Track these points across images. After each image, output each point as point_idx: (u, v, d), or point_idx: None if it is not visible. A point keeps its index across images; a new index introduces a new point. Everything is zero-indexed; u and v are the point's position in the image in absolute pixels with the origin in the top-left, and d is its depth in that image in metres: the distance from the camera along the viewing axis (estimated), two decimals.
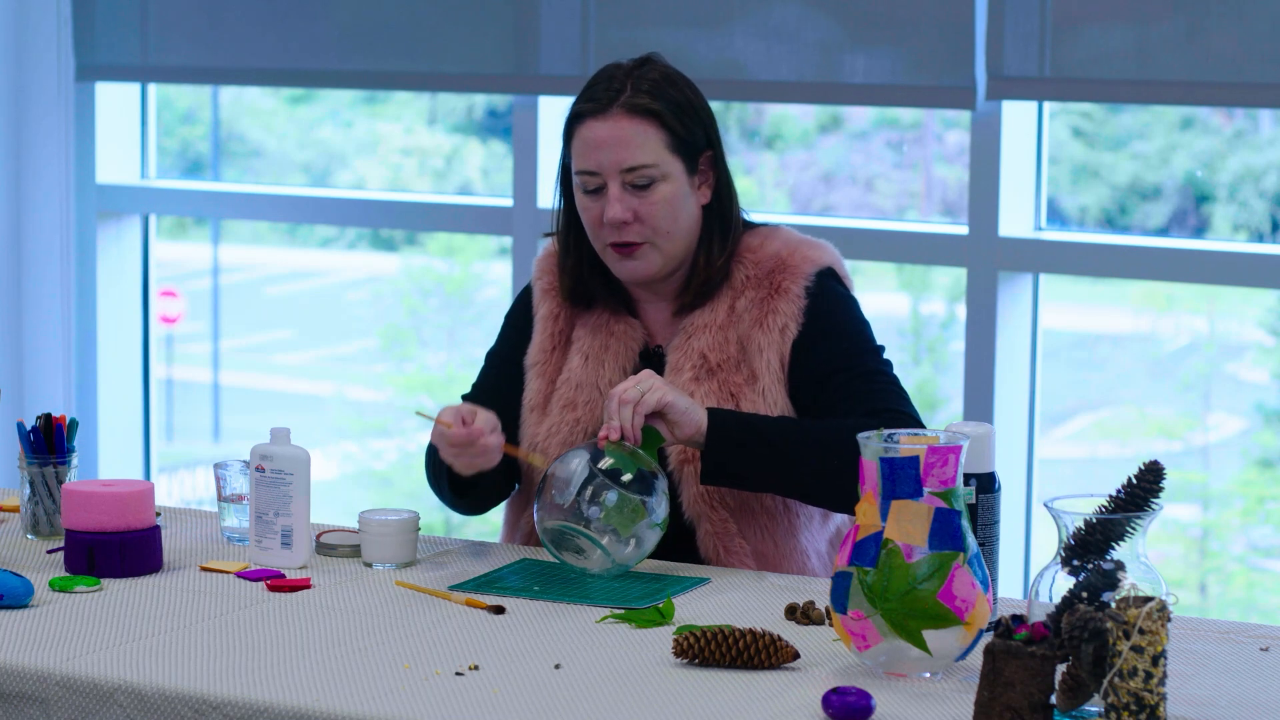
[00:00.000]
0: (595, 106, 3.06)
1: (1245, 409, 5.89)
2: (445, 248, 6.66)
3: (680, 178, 3.06)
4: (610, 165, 3.04)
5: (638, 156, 3.04)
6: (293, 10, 4.93)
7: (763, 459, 2.95)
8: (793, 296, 3.07)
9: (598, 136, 3.05)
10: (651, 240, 3.06)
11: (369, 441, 7.05)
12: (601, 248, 3.09)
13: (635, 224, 3.05)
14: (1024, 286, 4.34)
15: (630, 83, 3.06)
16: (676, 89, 3.08)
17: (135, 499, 2.91)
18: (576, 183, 3.08)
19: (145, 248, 5.31)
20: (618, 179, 3.04)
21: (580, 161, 3.06)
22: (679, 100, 3.07)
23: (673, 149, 3.05)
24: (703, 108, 3.11)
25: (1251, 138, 5.17)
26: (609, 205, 3.04)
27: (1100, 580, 2.23)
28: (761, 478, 2.98)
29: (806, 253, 3.11)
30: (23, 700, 2.45)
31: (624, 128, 3.04)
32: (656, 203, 3.05)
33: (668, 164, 3.05)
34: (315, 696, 2.34)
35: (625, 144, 3.03)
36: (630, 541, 2.86)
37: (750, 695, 2.37)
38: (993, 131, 4.26)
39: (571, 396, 3.12)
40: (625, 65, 3.10)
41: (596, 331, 3.15)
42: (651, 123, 3.04)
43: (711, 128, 3.11)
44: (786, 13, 4.40)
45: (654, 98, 3.05)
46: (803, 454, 2.95)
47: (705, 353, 3.07)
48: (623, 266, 3.09)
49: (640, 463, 2.87)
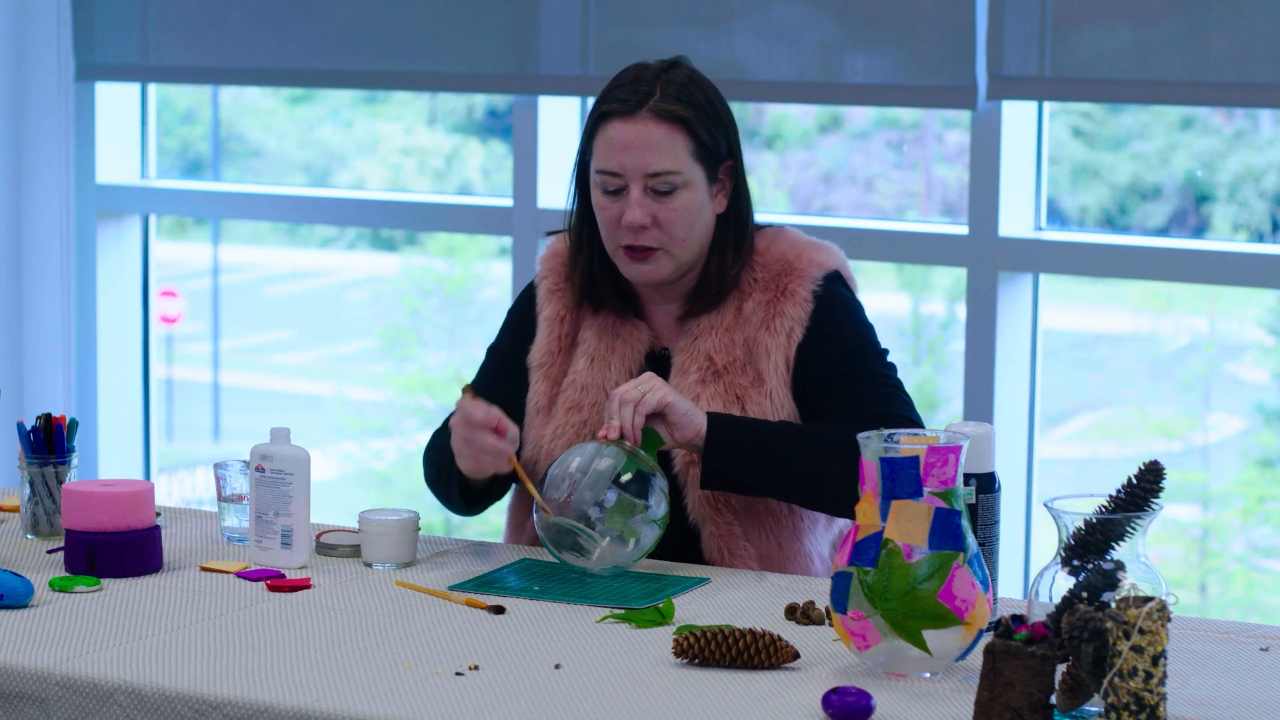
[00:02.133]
0: (623, 107, 3.03)
1: (1245, 409, 5.88)
2: (445, 248, 6.66)
3: (701, 186, 3.05)
4: (634, 168, 3.02)
5: (663, 162, 3.02)
6: (293, 10, 4.93)
7: (762, 464, 2.95)
8: (799, 300, 3.06)
9: (624, 138, 3.02)
10: (666, 246, 3.04)
11: (369, 441, 7.04)
12: (614, 248, 3.08)
13: (653, 229, 3.03)
14: (1024, 286, 4.34)
15: (660, 86, 3.04)
16: (704, 95, 3.06)
17: (135, 499, 2.91)
18: (596, 181, 3.06)
19: (145, 248, 5.31)
20: (640, 182, 3.02)
21: (603, 161, 3.04)
22: (707, 108, 3.05)
23: (696, 157, 3.04)
24: (727, 115, 3.09)
25: (1251, 138, 5.16)
26: (629, 208, 3.02)
27: (1100, 580, 2.23)
28: (761, 483, 2.97)
29: (813, 256, 3.10)
30: (23, 700, 2.45)
31: (651, 132, 3.02)
32: (677, 210, 3.03)
33: (690, 171, 3.03)
34: (315, 696, 2.34)
35: (652, 148, 3.01)
36: (630, 541, 2.86)
37: (750, 695, 2.37)
38: (993, 131, 4.26)
39: (577, 398, 3.11)
40: (654, 66, 3.07)
41: (602, 334, 3.15)
42: (679, 129, 3.02)
43: (734, 136, 3.10)
44: (786, 13, 4.40)
45: (683, 104, 3.03)
46: (803, 459, 2.95)
47: (711, 355, 3.07)
48: (634, 269, 3.08)
49: (640, 462, 2.87)
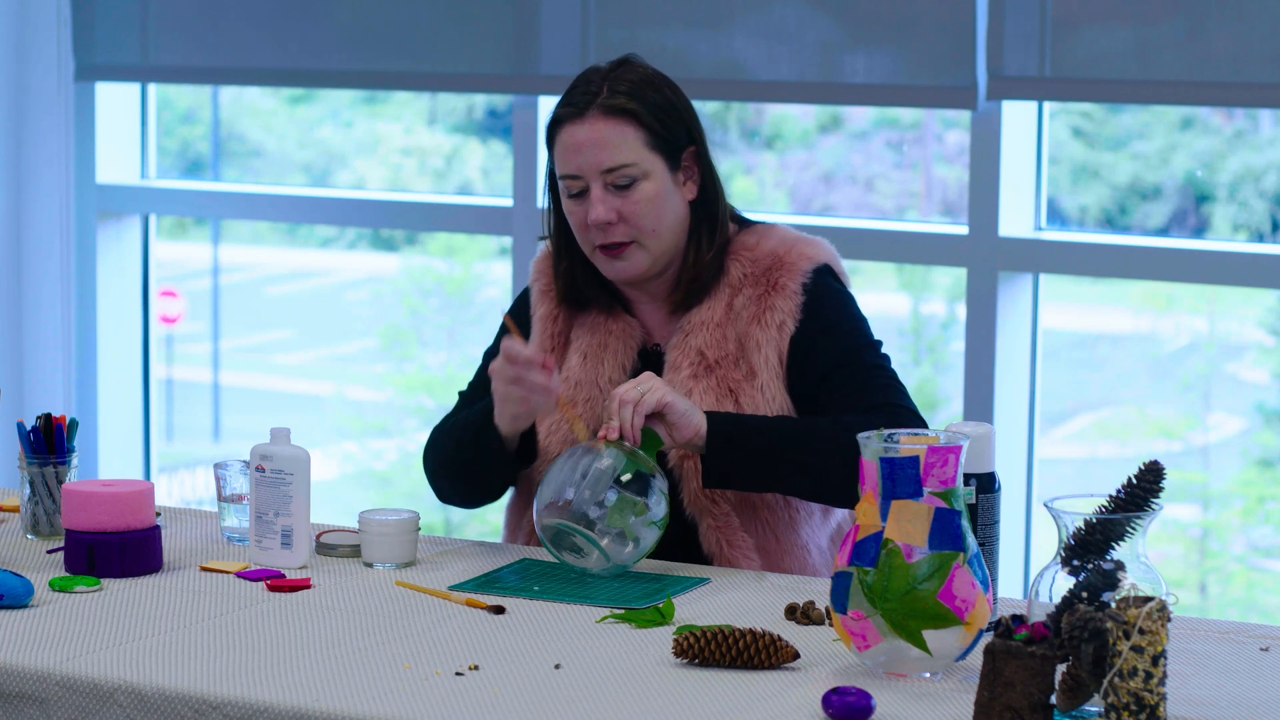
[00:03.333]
0: (572, 110, 3.07)
1: (1245, 409, 5.88)
2: (445, 248, 6.66)
3: (662, 175, 3.07)
4: (590, 167, 3.05)
5: (616, 157, 3.05)
6: (293, 10, 4.93)
7: (763, 461, 2.96)
8: (790, 293, 3.08)
9: (576, 139, 3.06)
10: (638, 239, 3.07)
11: (369, 441, 7.04)
12: (590, 250, 3.10)
13: (620, 224, 3.06)
14: (1024, 286, 4.34)
15: (606, 84, 3.07)
16: (654, 88, 3.09)
17: (135, 499, 2.91)
18: (561, 187, 3.10)
19: (145, 248, 5.31)
20: (599, 180, 3.05)
21: (562, 166, 3.08)
22: (656, 99, 3.08)
23: (652, 146, 3.06)
24: (682, 104, 3.11)
25: (1251, 138, 5.16)
26: (592, 207, 3.05)
27: (1100, 580, 2.23)
28: (762, 479, 2.98)
29: (803, 250, 3.12)
30: (23, 700, 2.45)
31: (601, 129, 3.05)
32: (639, 202, 3.06)
33: (648, 162, 3.06)
34: (315, 696, 2.34)
35: (603, 145, 3.04)
36: (629, 542, 2.86)
37: (750, 695, 2.37)
38: (993, 131, 4.26)
39: (571, 395, 3.12)
40: (603, 68, 3.11)
41: (594, 330, 3.16)
42: (628, 122, 3.05)
43: (693, 123, 3.12)
44: (786, 13, 4.40)
45: (630, 97, 3.06)
46: (803, 453, 2.96)
47: (703, 350, 3.08)
48: (611, 267, 3.10)
49: (639, 463, 2.87)
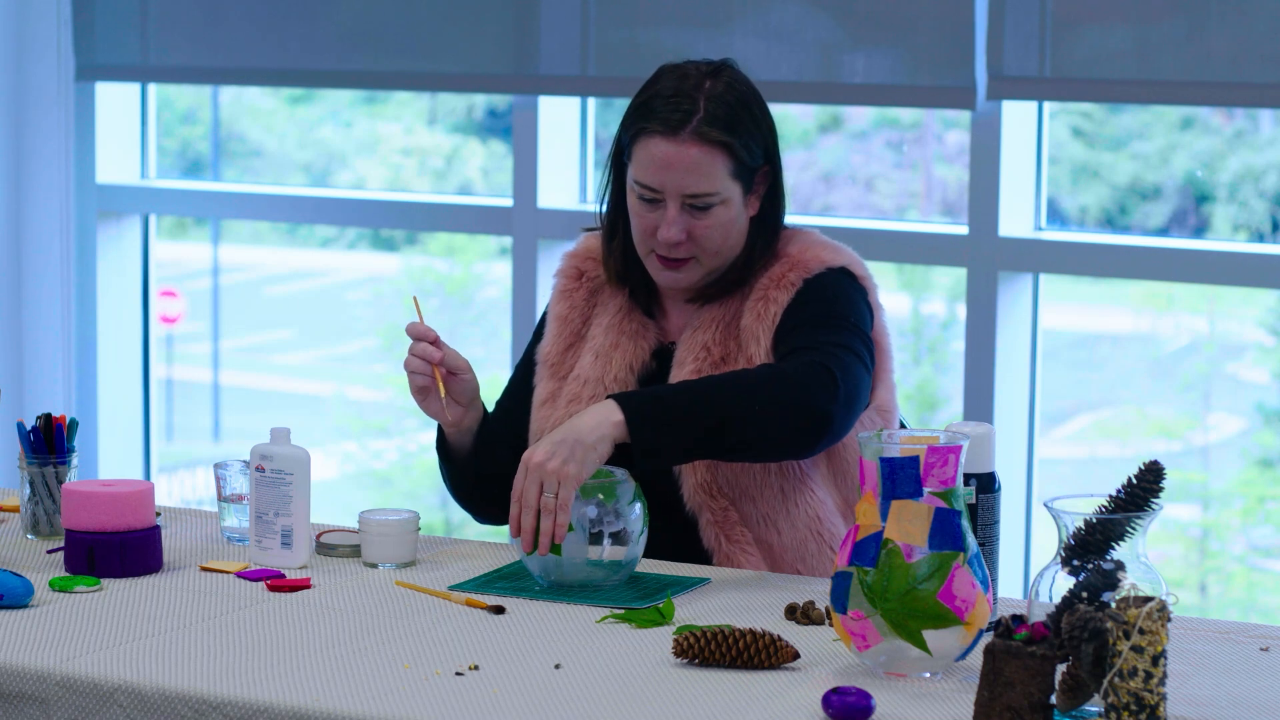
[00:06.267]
0: (665, 127, 3.00)
1: (1245, 409, 5.89)
2: (445, 248, 6.66)
3: (737, 200, 3.04)
4: (674, 188, 3.00)
5: (702, 185, 3.00)
6: (293, 10, 4.93)
7: (685, 426, 2.85)
8: (787, 285, 3.06)
9: (665, 156, 3.00)
10: (698, 257, 3.04)
11: (369, 441, 7.05)
12: (646, 252, 3.07)
13: (686, 243, 3.03)
14: (1024, 286, 4.34)
15: (704, 102, 3.00)
16: (748, 111, 3.03)
17: (135, 499, 2.91)
18: (633, 186, 3.04)
19: (145, 248, 5.31)
20: (678, 200, 3.01)
21: (642, 174, 3.02)
22: (749, 125, 3.02)
23: (735, 175, 3.02)
24: (767, 123, 3.07)
25: (1251, 138, 5.17)
26: (665, 225, 3.01)
27: (1100, 580, 2.23)
28: (693, 445, 2.87)
29: (819, 254, 3.08)
30: (23, 700, 2.45)
31: (693, 155, 2.99)
32: (711, 225, 3.02)
33: (728, 190, 3.02)
34: (315, 696, 2.34)
35: (692, 170, 2.99)
36: (620, 569, 2.84)
37: (750, 695, 2.37)
38: (993, 131, 4.26)
39: (578, 391, 3.12)
40: (696, 75, 3.04)
41: (609, 331, 3.15)
42: (720, 152, 3.00)
43: (772, 143, 3.08)
44: (786, 13, 4.40)
45: (727, 129, 2.99)
46: (723, 406, 2.85)
47: (709, 346, 3.07)
48: (665, 276, 3.07)
49: (593, 500, 2.81)
